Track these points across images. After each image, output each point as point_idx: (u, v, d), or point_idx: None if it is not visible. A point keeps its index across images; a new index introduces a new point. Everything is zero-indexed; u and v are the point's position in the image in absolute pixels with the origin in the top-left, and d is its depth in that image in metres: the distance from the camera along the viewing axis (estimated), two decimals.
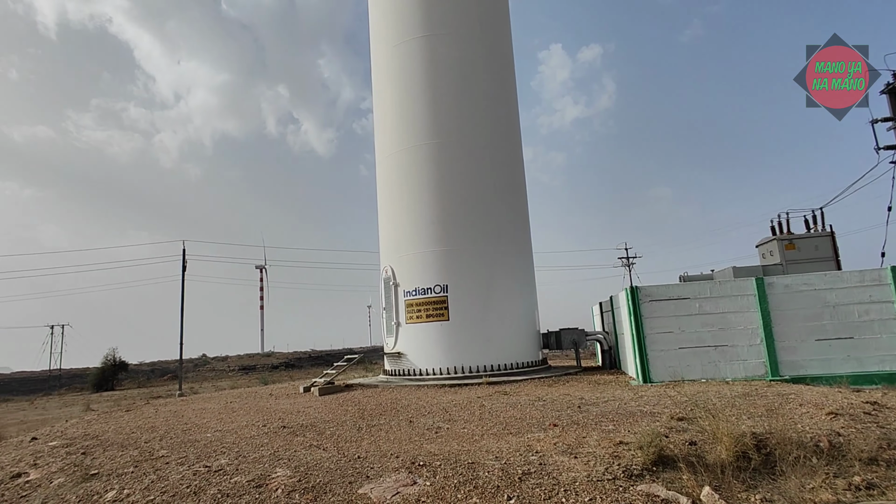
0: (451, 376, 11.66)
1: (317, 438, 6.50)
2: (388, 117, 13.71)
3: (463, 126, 12.95)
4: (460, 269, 12.17)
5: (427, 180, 12.62)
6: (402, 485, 4.36)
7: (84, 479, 5.41)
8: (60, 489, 5.32)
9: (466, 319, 12.01)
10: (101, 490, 5.03)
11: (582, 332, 13.65)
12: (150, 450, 6.46)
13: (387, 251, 13.40)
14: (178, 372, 53.26)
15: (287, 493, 4.37)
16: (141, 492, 4.79)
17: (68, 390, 43.37)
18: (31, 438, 8.30)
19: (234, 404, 10.83)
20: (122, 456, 6.21)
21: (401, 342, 12.59)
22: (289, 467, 5.08)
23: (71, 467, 5.96)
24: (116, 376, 41.59)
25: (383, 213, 13.76)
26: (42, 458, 6.60)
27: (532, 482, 4.21)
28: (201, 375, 54.75)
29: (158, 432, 7.81)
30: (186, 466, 5.43)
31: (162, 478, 5.09)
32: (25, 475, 6.03)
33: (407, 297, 12.50)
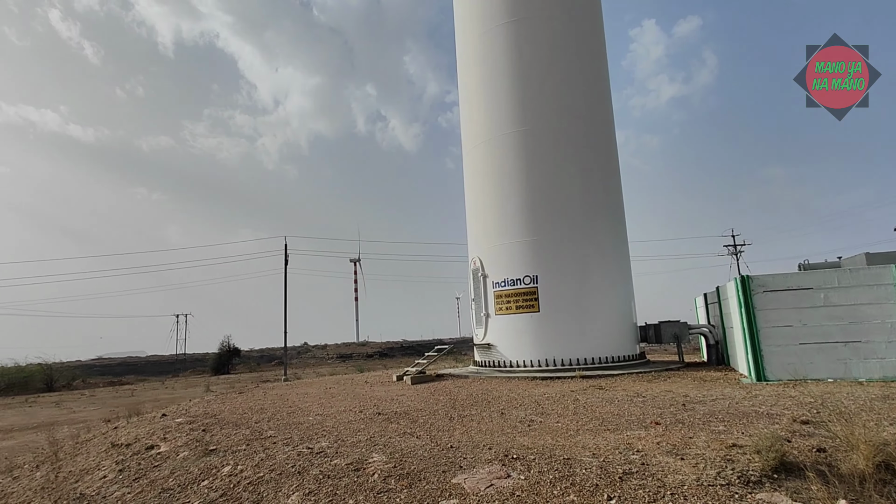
0: (542, 369, 11.41)
1: (410, 426, 6.62)
2: (474, 107, 13.63)
3: (551, 112, 12.54)
4: (551, 259, 11.84)
5: (515, 169, 12.40)
6: (495, 477, 4.29)
7: (204, 454, 5.92)
8: (185, 462, 5.87)
9: (558, 311, 11.68)
10: (219, 464, 5.48)
11: (684, 325, 12.76)
12: (260, 430, 6.94)
13: (475, 242, 13.37)
14: (283, 358, 57.34)
15: (383, 478, 4.47)
16: (252, 468, 5.14)
17: (192, 373, 48.27)
18: (161, 415, 9.28)
19: (333, 390, 11.39)
20: (236, 434, 6.73)
21: (490, 333, 12.53)
22: (384, 453, 5.20)
23: (193, 442, 6.56)
24: (231, 361, 45.63)
25: (471, 204, 13.73)
26: (170, 433, 7.33)
27: (634, 483, 3.96)
28: (303, 362, 58.46)
29: (267, 414, 8.38)
30: (291, 447, 5.76)
31: (270, 456, 5.44)
32: (157, 447, 6.74)
33: (496, 288, 12.40)
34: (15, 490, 6.65)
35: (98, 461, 6.81)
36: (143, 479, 5.66)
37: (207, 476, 5.22)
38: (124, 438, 7.56)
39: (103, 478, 6.06)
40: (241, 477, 4.97)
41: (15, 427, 16.11)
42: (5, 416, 20.16)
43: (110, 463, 6.55)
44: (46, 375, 37.81)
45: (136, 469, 6.04)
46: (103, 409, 19.39)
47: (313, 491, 4.38)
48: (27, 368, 39.20)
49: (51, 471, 6.99)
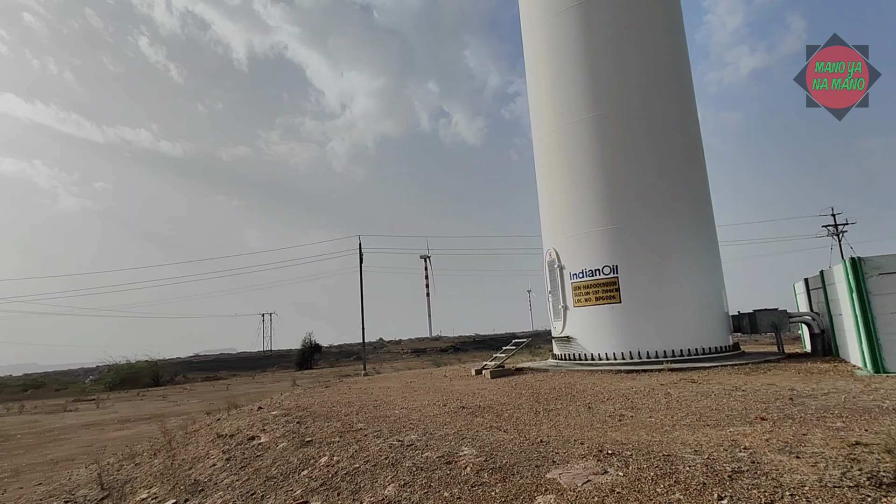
0: (626, 362, 11.00)
1: (496, 420, 6.60)
2: (544, 95, 13.32)
3: (626, 93, 12.01)
4: (631, 248, 11.36)
5: (589, 156, 11.99)
6: (592, 472, 4.17)
7: (302, 445, 6.22)
8: (284, 452, 6.20)
9: (641, 301, 11.20)
10: (316, 455, 5.73)
11: (783, 313, 11.81)
12: (350, 422, 7.19)
13: (549, 233, 13.10)
14: (360, 354, 59.38)
15: (476, 471, 4.47)
16: (347, 459, 5.33)
17: (278, 368, 51.14)
18: (257, 408, 9.86)
19: (414, 384, 11.61)
20: (329, 426, 7.01)
21: (569, 326, 12.25)
22: (473, 447, 5.21)
23: (290, 434, 6.91)
24: (313, 357, 47.86)
25: (544, 195, 13.46)
26: (268, 425, 7.77)
27: (745, 482, 3.70)
28: (379, 357, 60.17)
29: (354, 407, 8.68)
30: (382, 440, 5.91)
31: (363, 448, 5.62)
32: (258, 438, 7.17)
33: (573, 279, 12.09)
34: (138, 475, 7.32)
35: (207, 450, 7.34)
36: (248, 467, 6.04)
37: (307, 466, 5.47)
38: (227, 430, 8.11)
39: (213, 465, 6.53)
40: (338, 467, 5.17)
41: (130, 418, 17.81)
42: (122, 408, 22.33)
43: (217, 452, 7.05)
44: (153, 371, 41.48)
45: (240, 458, 6.46)
46: (203, 403, 20.98)
47: (408, 483, 4.47)
48: (136, 365, 43.20)
49: (166, 458, 7.63)
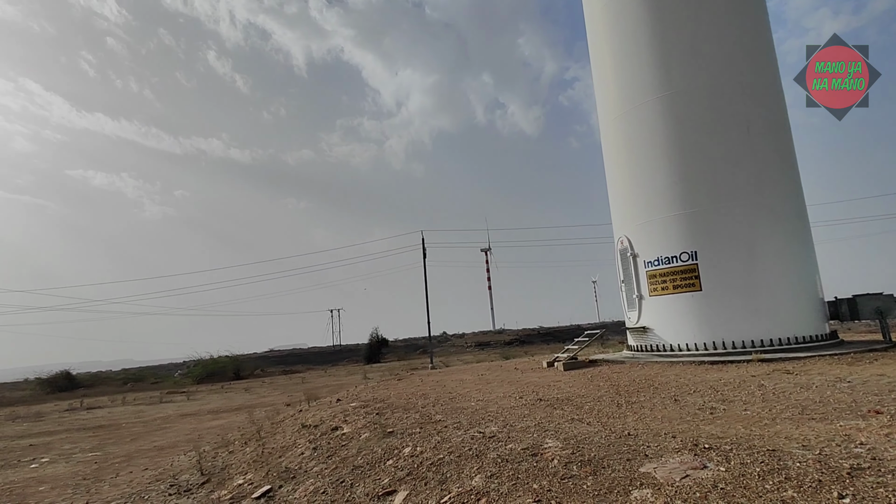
0: (710, 352, 10.44)
1: (576, 412, 6.46)
2: (610, 77, 12.83)
3: (701, 68, 11.30)
4: (712, 232, 10.74)
5: (663, 137, 11.42)
6: (689, 467, 3.98)
7: (384, 436, 6.37)
8: (368, 442, 6.37)
9: (723, 288, 10.57)
10: (399, 445, 5.85)
11: (890, 297, 10.77)
12: (428, 414, 7.29)
13: (621, 220, 12.64)
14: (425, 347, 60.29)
15: (563, 464, 4.39)
16: (431, 450, 5.40)
17: (349, 361, 52.88)
18: (336, 400, 10.22)
19: (487, 376, 11.61)
20: (408, 418, 7.14)
21: (645, 316, 11.79)
22: (558, 439, 5.12)
23: (372, 425, 7.10)
24: (381, 351, 49.12)
25: (613, 181, 12.99)
26: (349, 416, 8.03)
27: (869, 480, 3.39)
28: (444, 350, 60.75)
29: (430, 399, 8.79)
30: (462, 431, 5.94)
31: (445, 440, 5.67)
32: (341, 428, 7.41)
33: (648, 267, 11.61)
34: (233, 462, 7.79)
35: (294, 440, 7.69)
36: (334, 456, 6.26)
37: (391, 456, 5.59)
38: (311, 420, 8.45)
39: (301, 454, 6.82)
40: (422, 458, 5.25)
41: (221, 409, 19.03)
42: (212, 399, 23.91)
43: (304, 441, 7.36)
44: (235, 366, 44.12)
45: (326, 448, 6.71)
46: (284, 395, 22.06)
47: (495, 474, 4.46)
48: (219, 360, 46.10)
49: (257, 447, 8.06)
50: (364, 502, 4.72)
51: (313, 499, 5.18)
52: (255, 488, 6.11)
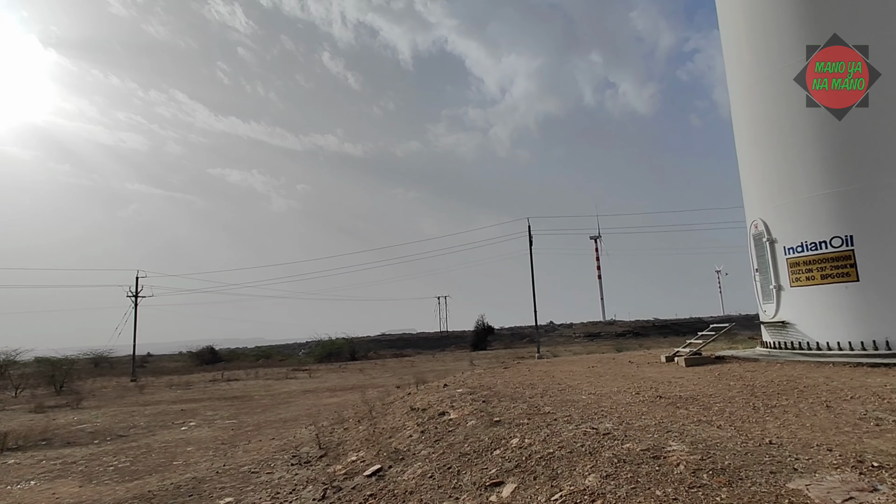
0: (868, 353, 8.94)
1: (703, 413, 5.82)
2: (744, 42, 11.38)
3: (853, 22, 9.60)
4: (873, 213, 9.12)
5: (812, 105, 9.87)
6: (854, 488, 3.34)
7: (491, 424, 6.24)
8: (475, 430, 6.28)
9: (887, 279, 8.97)
10: (506, 436, 5.68)
11: None
12: (536, 405, 7.03)
13: (756, 202, 11.22)
14: (532, 336, 59.59)
15: (691, 470, 3.92)
16: (540, 443, 5.16)
17: (455, 348, 53.92)
18: (443, 385, 10.31)
19: (598, 369, 11.03)
20: (515, 408, 6.94)
21: (784, 309, 10.42)
22: (682, 442, 4.62)
23: (478, 412, 7.01)
24: (486, 338, 49.39)
25: (747, 157, 11.55)
26: (456, 402, 8.02)
27: None
28: (552, 340, 59.58)
29: (538, 389, 8.51)
30: (574, 425, 5.62)
31: (555, 433, 5.39)
32: (448, 414, 7.42)
33: (789, 254, 10.20)
34: (347, 439, 8.16)
35: (403, 422, 7.86)
36: (442, 441, 6.26)
37: (498, 446, 5.44)
38: (419, 404, 8.59)
39: (410, 437, 6.93)
40: (530, 450, 5.03)
41: (337, 388, 20.30)
42: (330, 378, 25.64)
43: (413, 424, 7.48)
44: (350, 347, 46.96)
45: (434, 432, 6.73)
46: (394, 377, 22.98)
47: (611, 474, 4.11)
48: (337, 342, 49.35)
49: (369, 426, 8.37)
50: (471, 491, 4.62)
51: (421, 482, 5.19)
52: (366, 466, 6.31)
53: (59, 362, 29.51)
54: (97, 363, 41.08)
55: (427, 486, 5.02)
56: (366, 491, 5.51)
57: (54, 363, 29.36)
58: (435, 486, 4.96)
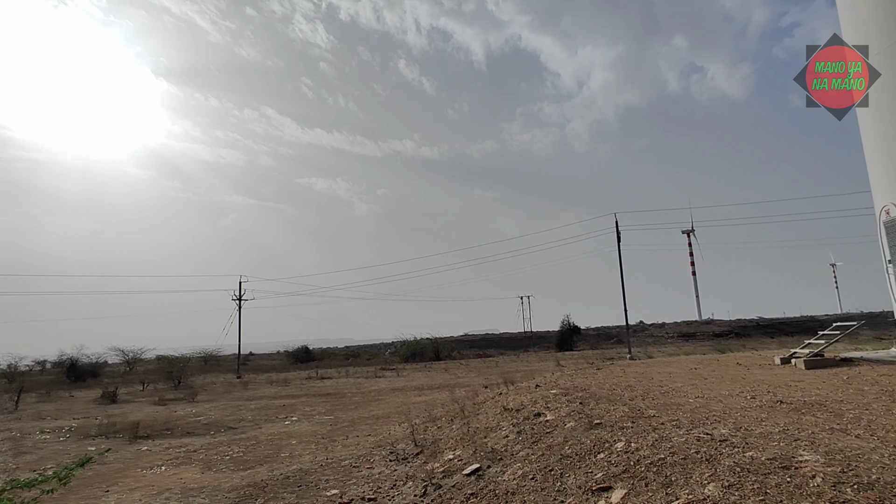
0: None
1: (835, 421, 5.23)
2: (863, 4, 10.15)
3: None
4: None
5: None
6: None
7: (591, 427, 6.01)
8: (573, 432, 6.09)
9: None
10: (609, 439, 5.44)
11: None
12: (638, 408, 6.68)
13: (887, 184, 9.94)
14: (619, 336, 57.27)
15: (831, 484, 3.52)
16: (648, 448, 4.88)
17: (539, 348, 53.04)
18: (535, 385, 10.12)
19: (701, 371, 10.33)
20: (615, 410, 6.64)
21: None
22: (816, 452, 4.17)
23: (576, 414, 6.79)
24: (572, 339, 48.10)
25: (875, 136, 10.26)
26: (550, 403, 7.83)
27: None
28: (641, 341, 56.86)
29: (636, 391, 8.10)
30: (684, 430, 5.27)
31: (664, 438, 5.08)
32: (543, 415, 7.26)
33: None
34: (442, 437, 8.24)
35: (497, 422, 7.80)
36: (540, 442, 6.12)
37: (602, 449, 5.23)
38: (512, 404, 8.49)
39: (505, 437, 6.86)
40: (638, 455, 4.77)
41: (425, 386, 20.66)
42: (416, 377, 26.17)
43: (507, 425, 7.40)
44: (434, 347, 47.66)
45: (530, 433, 6.61)
46: (480, 377, 23.00)
47: (734, 485, 3.79)
48: (421, 342, 50.30)
49: (462, 425, 8.39)
50: (576, 494, 4.46)
51: (522, 483, 5.11)
52: (464, 465, 6.32)
53: (176, 360, 32.58)
54: (206, 361, 44.84)
55: (529, 488, 4.93)
56: (466, 489, 5.51)
57: (172, 361, 32.47)
58: (537, 488, 4.86)
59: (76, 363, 36.82)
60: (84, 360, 37.84)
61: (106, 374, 36.32)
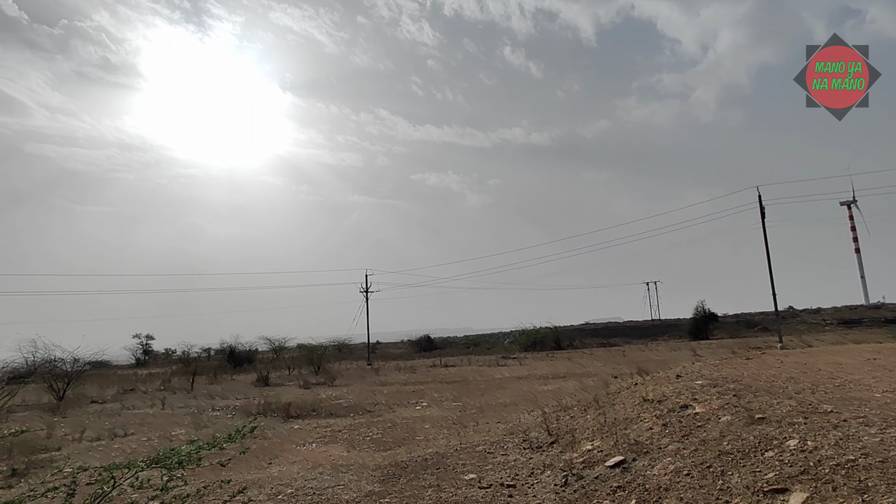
0: None
1: None
2: None
3: None
4: None
5: None
6: None
7: (752, 422, 5.41)
8: (731, 426, 5.53)
9: None
10: (778, 436, 4.85)
11: None
12: (808, 402, 5.89)
13: None
14: (766, 324, 51.65)
15: None
16: (830, 448, 4.26)
17: (669, 337, 49.66)
18: (676, 375, 9.42)
19: (882, 361, 8.88)
20: (780, 405, 5.92)
21: None
22: None
23: (731, 407, 6.17)
24: (708, 326, 44.31)
25: None
26: (698, 395, 7.21)
27: None
28: (792, 328, 50.66)
29: (801, 384, 7.16)
30: (875, 429, 4.53)
31: (850, 437, 4.41)
32: (691, 407, 6.71)
33: None
34: (576, 427, 7.99)
35: (637, 413, 7.37)
36: (691, 437, 5.66)
37: (769, 447, 4.67)
38: (652, 395, 7.97)
39: (649, 429, 6.44)
40: (818, 455, 4.19)
41: (548, 375, 20.33)
42: (538, 366, 25.87)
43: (649, 416, 6.95)
44: (555, 336, 46.77)
45: (678, 426, 6.14)
46: (607, 366, 22.08)
47: None
48: (541, 331, 49.60)
49: (598, 415, 8.06)
50: (744, 495, 4.03)
51: (676, 479, 4.74)
52: (605, 456, 6.05)
53: (314, 348, 35.58)
54: (340, 349, 48.45)
55: (685, 485, 4.56)
56: (611, 482, 5.26)
57: (311, 349, 35.50)
58: (694, 486, 4.48)
59: (234, 350, 41.90)
60: (240, 347, 42.96)
61: (258, 361, 40.90)
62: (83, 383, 23.16)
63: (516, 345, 50.22)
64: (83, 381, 23.22)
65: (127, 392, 22.75)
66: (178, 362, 42.39)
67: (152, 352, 54.65)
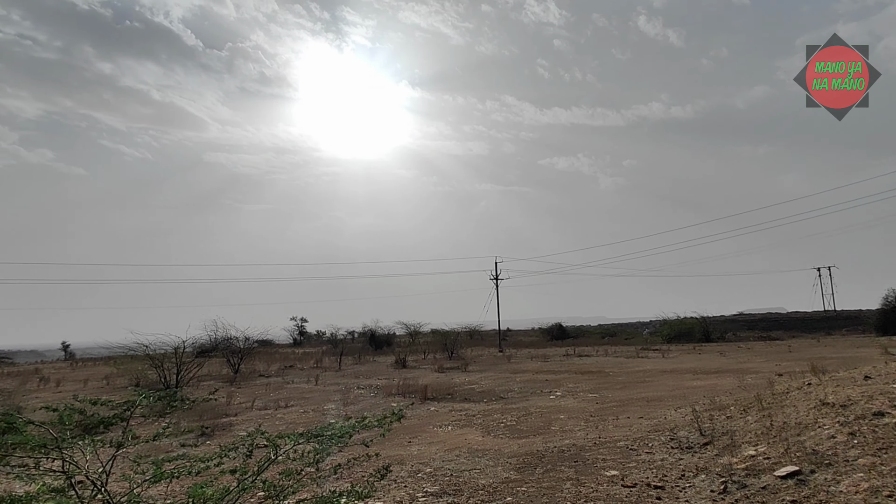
0: None
1: None
2: None
3: None
4: None
5: None
6: None
7: None
8: None
9: None
10: None
11: None
12: None
13: None
14: None
15: None
16: None
17: (848, 331, 42.72)
18: (863, 376, 7.98)
19: None
20: None
21: None
22: None
23: None
24: None
25: None
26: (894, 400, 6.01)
27: None
28: None
29: None
30: None
31: None
32: (888, 415, 5.61)
33: None
34: (735, 429, 7.14)
35: (813, 418, 6.36)
36: (890, 450, 4.71)
37: None
38: (833, 398, 6.82)
39: (831, 437, 5.51)
40: None
41: (698, 370, 18.62)
42: (686, 360, 23.85)
43: (830, 423, 5.95)
44: (703, 328, 42.81)
45: (871, 437, 5.16)
46: (768, 362, 19.61)
47: None
48: (687, 321, 45.74)
49: (762, 417, 7.12)
50: None
51: (871, 500, 3.97)
52: (773, 465, 5.30)
53: (447, 333, 36.73)
54: (471, 335, 49.48)
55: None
56: (783, 495, 4.58)
57: (444, 334, 36.69)
58: None
59: (374, 334, 45.05)
60: (379, 331, 46.07)
61: (396, 344, 43.44)
62: (253, 359, 26.64)
63: (658, 336, 46.98)
64: (252, 357, 26.71)
65: (287, 368, 25.64)
66: (327, 343, 46.72)
67: (306, 333, 61.00)
